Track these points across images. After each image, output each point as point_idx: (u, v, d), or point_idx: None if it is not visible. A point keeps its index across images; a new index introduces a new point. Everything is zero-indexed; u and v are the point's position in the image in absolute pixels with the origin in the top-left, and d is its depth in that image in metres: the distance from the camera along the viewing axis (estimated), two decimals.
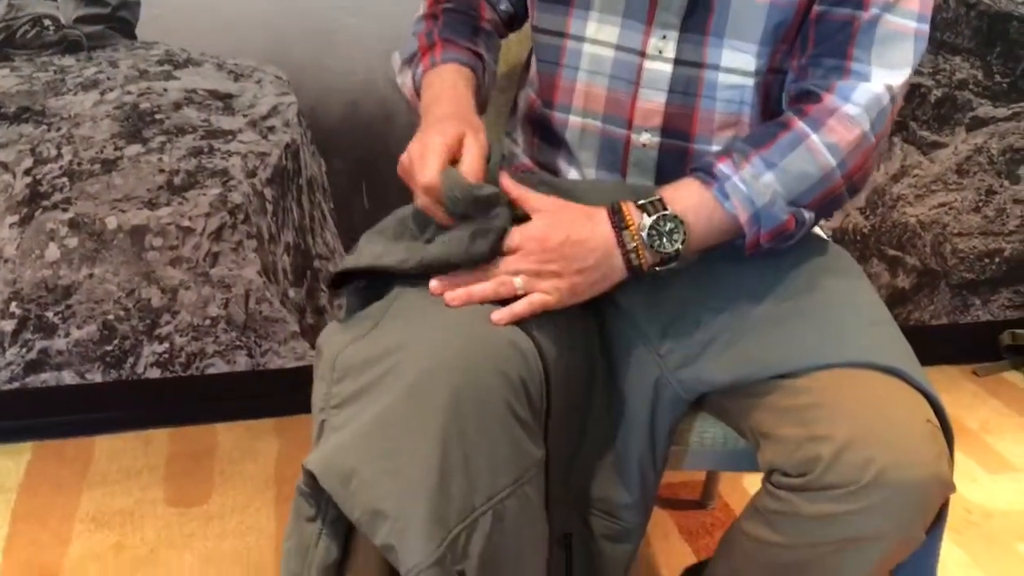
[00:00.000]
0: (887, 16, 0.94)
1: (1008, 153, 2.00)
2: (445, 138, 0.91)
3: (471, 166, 0.90)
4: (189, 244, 1.69)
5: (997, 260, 2.10)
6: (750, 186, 0.92)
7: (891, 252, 2.04)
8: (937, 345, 2.11)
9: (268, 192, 1.69)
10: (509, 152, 1.16)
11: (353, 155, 1.71)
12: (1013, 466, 1.80)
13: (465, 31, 1.07)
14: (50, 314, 1.69)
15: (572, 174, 1.10)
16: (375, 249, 0.92)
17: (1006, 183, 2.03)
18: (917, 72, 1.86)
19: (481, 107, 1.04)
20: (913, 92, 1.90)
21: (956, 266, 2.08)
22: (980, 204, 2.03)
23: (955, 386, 2.07)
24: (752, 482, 0.91)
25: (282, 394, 1.80)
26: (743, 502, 0.94)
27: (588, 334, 0.97)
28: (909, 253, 2.05)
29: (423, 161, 0.90)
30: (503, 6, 1.15)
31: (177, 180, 1.65)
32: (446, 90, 1.00)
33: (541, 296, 0.89)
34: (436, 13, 1.09)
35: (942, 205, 2.02)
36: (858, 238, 2.01)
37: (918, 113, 1.92)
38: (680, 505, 1.65)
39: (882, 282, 2.05)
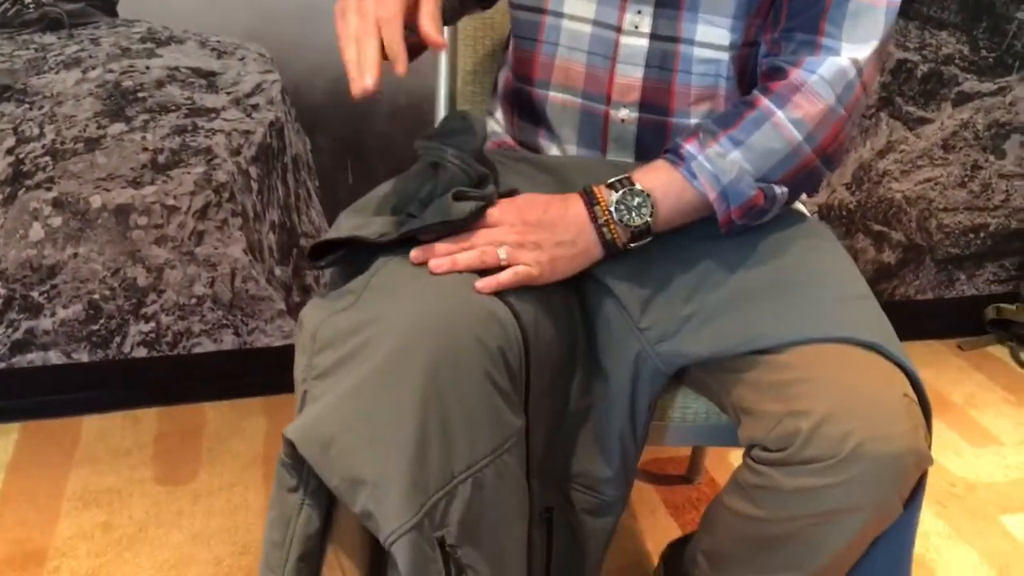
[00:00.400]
0: None
1: (994, 128, 2.00)
2: None
3: (429, 10, 0.84)
4: (174, 223, 1.69)
5: (982, 235, 2.11)
6: (715, 164, 0.93)
7: (877, 227, 2.04)
8: (922, 320, 2.13)
9: (253, 170, 1.69)
10: (490, 131, 1.16)
11: (338, 133, 1.71)
12: (997, 440, 1.82)
13: None
14: (35, 294, 1.69)
15: (553, 151, 1.10)
16: (355, 221, 0.92)
17: (991, 158, 2.03)
18: (903, 47, 1.87)
19: None
20: (899, 67, 1.89)
21: (941, 241, 2.09)
22: (966, 179, 2.04)
23: (940, 360, 2.08)
24: (738, 457, 0.92)
25: (269, 373, 1.81)
26: (728, 477, 0.95)
27: (569, 309, 0.97)
28: (895, 228, 2.05)
29: None
30: None
31: (161, 158, 1.64)
32: None
33: (525, 267, 0.89)
34: None
35: (928, 180, 2.02)
36: (844, 213, 2.01)
37: (904, 88, 1.92)
38: (666, 480, 1.66)
39: (868, 257, 2.06)
